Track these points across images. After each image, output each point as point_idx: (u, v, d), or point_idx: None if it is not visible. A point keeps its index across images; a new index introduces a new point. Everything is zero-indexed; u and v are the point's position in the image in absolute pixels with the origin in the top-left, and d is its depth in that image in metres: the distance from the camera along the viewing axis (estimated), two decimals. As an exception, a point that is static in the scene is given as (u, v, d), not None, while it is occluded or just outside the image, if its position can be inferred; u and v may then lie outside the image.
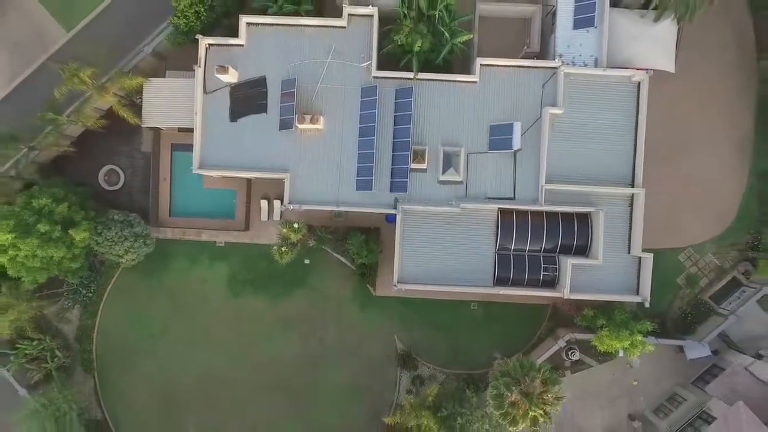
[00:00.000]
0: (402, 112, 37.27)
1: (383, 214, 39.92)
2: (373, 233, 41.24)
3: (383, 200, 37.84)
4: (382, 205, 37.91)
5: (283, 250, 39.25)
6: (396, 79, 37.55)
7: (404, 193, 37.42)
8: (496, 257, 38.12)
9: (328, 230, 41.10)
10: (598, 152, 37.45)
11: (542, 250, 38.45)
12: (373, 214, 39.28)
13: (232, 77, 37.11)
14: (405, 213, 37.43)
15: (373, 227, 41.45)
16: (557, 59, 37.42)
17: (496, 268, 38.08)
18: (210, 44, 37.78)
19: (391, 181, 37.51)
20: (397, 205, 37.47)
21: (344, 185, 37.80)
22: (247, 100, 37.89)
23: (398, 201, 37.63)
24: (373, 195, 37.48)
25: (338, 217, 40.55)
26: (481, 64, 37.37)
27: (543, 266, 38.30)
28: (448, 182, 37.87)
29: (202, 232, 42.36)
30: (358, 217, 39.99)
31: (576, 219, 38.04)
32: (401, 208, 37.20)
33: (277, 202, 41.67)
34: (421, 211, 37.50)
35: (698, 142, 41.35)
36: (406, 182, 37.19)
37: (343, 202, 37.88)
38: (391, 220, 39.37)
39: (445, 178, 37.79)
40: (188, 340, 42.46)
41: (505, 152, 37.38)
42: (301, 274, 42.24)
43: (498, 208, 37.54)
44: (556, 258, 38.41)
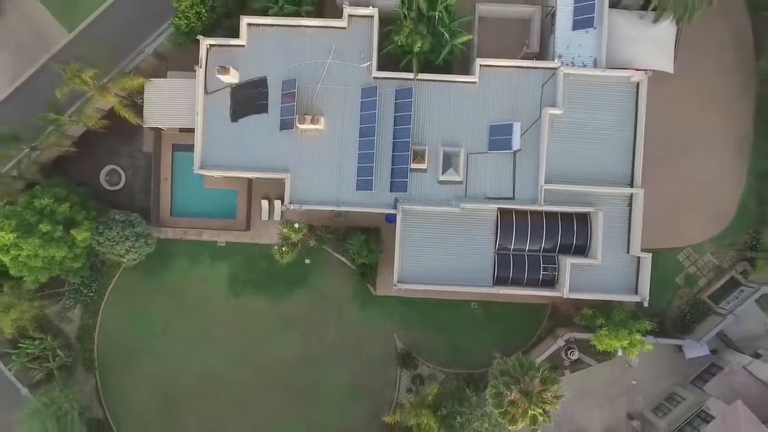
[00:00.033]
0: (402, 113, 37.39)
1: (383, 214, 40.02)
2: (373, 233, 41.34)
3: (383, 200, 37.95)
4: (383, 205, 38.03)
5: (283, 249, 39.42)
6: (396, 79, 37.65)
7: (404, 193, 37.54)
8: (495, 257, 38.23)
9: (329, 230, 41.20)
10: (597, 152, 37.54)
11: (541, 250, 38.57)
12: (374, 214, 39.37)
13: (233, 78, 37.23)
14: (405, 213, 37.54)
15: (374, 227, 41.55)
16: (556, 60, 37.49)
17: (495, 267, 38.19)
18: (211, 45, 37.89)
19: (391, 181, 37.63)
20: (397, 205, 37.58)
21: (344, 185, 37.92)
22: (248, 101, 38.01)
23: (398, 201, 37.75)
24: (374, 195, 37.60)
25: (339, 217, 40.65)
26: (480, 65, 37.48)
27: (542, 266, 38.42)
28: (447, 182, 37.99)
29: (203, 232, 42.47)
30: (359, 217, 40.08)
31: (575, 219, 38.15)
32: (401, 208, 37.31)
33: (278, 202, 41.76)
34: (421, 211, 37.61)
35: (697, 143, 41.42)
36: (406, 182, 37.32)
37: (344, 202, 38.01)
38: (392, 220, 39.48)
39: (444, 178, 37.91)
40: (189, 340, 42.57)
41: (504, 152, 37.49)
42: (302, 274, 42.34)
43: (497, 208, 37.64)
44: (556, 258, 38.52)
